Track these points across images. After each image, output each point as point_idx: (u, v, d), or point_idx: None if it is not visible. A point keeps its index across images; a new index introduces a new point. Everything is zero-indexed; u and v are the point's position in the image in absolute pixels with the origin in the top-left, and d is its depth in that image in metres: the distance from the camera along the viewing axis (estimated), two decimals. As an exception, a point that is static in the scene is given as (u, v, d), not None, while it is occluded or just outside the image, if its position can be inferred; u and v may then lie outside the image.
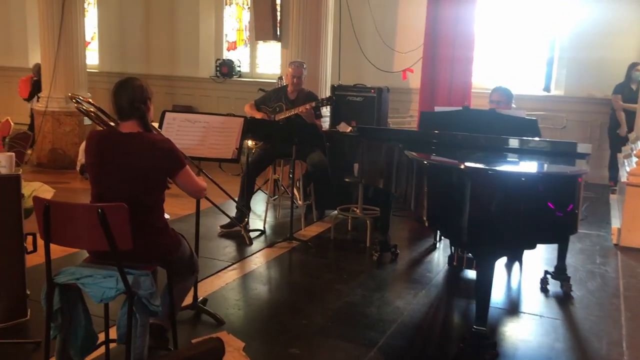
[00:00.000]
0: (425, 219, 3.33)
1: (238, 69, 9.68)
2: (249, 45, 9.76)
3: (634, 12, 7.53)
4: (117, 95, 2.65)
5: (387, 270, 4.49)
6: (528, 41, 7.99)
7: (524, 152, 3.80)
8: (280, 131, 4.86)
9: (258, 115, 5.36)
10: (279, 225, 5.59)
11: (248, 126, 3.63)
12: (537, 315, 3.80)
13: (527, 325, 3.66)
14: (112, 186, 2.60)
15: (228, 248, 4.92)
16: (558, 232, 3.05)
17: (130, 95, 2.64)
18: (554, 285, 4.20)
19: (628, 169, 5.21)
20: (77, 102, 2.77)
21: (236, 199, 5.21)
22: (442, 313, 3.81)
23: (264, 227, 5.42)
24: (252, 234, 5.17)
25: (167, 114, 3.51)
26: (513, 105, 4.71)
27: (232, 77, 9.57)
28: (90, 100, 2.78)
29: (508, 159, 3.72)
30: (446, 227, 3.32)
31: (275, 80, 9.10)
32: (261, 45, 9.61)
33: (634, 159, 5.26)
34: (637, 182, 5.03)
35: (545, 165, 3.54)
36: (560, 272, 4.18)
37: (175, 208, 5.24)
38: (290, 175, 6.30)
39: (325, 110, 6.06)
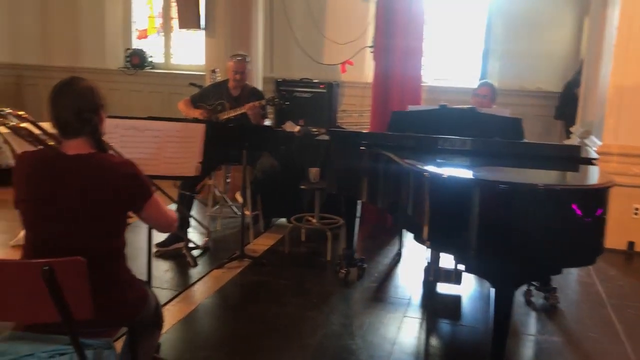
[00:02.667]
0: (426, 239, 2.87)
1: (150, 59, 8.78)
2: (162, 33, 8.88)
3: (565, 3, 7.49)
4: (58, 104, 1.94)
5: (358, 290, 3.99)
6: (462, 33, 7.77)
7: (522, 157, 3.42)
8: (230, 134, 4.20)
9: (195, 114, 4.67)
10: (222, 239, 4.93)
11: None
12: (533, 335, 3.46)
13: (529, 349, 3.31)
14: (56, 231, 1.89)
15: (169, 272, 4.21)
16: (583, 251, 2.67)
17: (76, 102, 1.94)
18: (536, 297, 3.90)
19: (589, 166, 5.02)
20: (0, 116, 2.01)
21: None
22: (436, 342, 3.37)
23: (207, 243, 4.74)
24: (195, 252, 4.49)
25: (107, 121, 2.77)
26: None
27: (144, 69, 8.66)
28: (22, 113, 2.04)
29: (511, 166, 3.32)
30: (455, 250, 2.87)
31: (198, 73, 8.40)
32: (176, 33, 8.77)
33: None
34: (600, 180, 4.84)
35: (556, 173, 3.18)
36: (545, 283, 3.88)
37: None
38: (228, 181, 5.67)
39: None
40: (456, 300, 3.90)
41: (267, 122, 5.19)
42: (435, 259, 3.99)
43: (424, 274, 4.09)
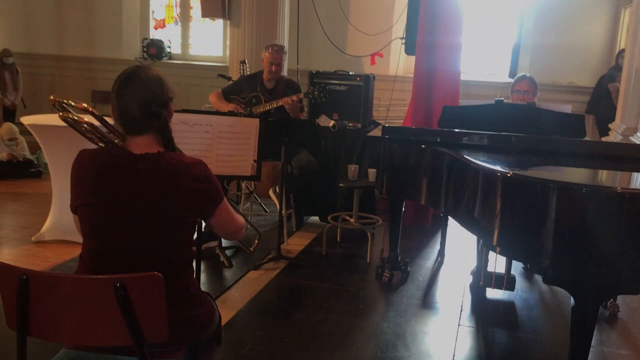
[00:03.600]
0: (496, 245, 2.66)
1: (168, 50, 8.56)
2: (180, 23, 8.65)
3: (598, -3, 7.25)
4: (123, 97, 1.71)
5: (404, 296, 3.77)
6: (492, 27, 7.53)
7: (588, 157, 3.20)
8: (269, 128, 3.96)
9: (228, 108, 4.44)
10: (253, 238, 4.70)
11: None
12: (594, 346, 3.23)
13: (596, 363, 3.09)
14: (123, 240, 1.67)
15: (204, 273, 4.00)
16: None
17: (143, 95, 1.71)
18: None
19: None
20: (61, 109, 1.78)
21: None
22: (498, 355, 3.14)
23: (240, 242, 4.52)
24: (228, 252, 4.28)
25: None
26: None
27: (161, 59, 8.46)
28: (87, 105, 1.80)
29: (578, 166, 3.10)
30: (528, 258, 2.64)
31: (217, 64, 8.19)
32: (195, 23, 8.56)
33: None
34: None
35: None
36: (604, 290, 3.64)
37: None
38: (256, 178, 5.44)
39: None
40: (510, 307, 3.68)
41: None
42: (483, 263, 3.78)
43: (473, 278, 3.88)
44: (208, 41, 8.56)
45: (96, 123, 1.81)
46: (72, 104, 1.80)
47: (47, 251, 4.45)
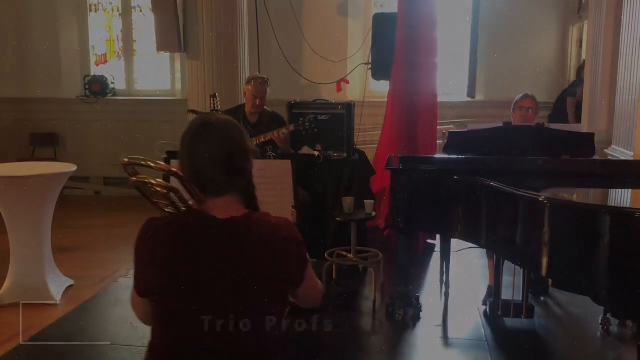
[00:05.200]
0: (547, 275, 2.51)
1: (112, 86, 8.07)
2: (123, 58, 8.20)
3: (549, 14, 7.45)
4: (199, 152, 1.41)
5: (424, 334, 3.55)
6: (447, 49, 7.58)
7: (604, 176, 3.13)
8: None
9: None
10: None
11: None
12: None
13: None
14: (210, 325, 1.35)
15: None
16: None
17: (226, 148, 1.42)
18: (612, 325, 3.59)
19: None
20: (133, 172, 1.42)
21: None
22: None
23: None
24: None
25: (174, 161, 2.24)
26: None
27: (105, 96, 7.93)
28: (167, 165, 1.45)
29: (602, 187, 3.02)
30: (591, 290, 2.49)
31: (166, 97, 7.85)
32: (139, 57, 8.14)
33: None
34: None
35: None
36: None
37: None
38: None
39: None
40: (534, 336, 3.52)
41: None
42: (497, 290, 3.63)
43: (489, 308, 3.71)
44: (154, 75, 8.15)
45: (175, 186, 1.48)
46: (152, 165, 1.47)
47: (9, 316, 3.93)
